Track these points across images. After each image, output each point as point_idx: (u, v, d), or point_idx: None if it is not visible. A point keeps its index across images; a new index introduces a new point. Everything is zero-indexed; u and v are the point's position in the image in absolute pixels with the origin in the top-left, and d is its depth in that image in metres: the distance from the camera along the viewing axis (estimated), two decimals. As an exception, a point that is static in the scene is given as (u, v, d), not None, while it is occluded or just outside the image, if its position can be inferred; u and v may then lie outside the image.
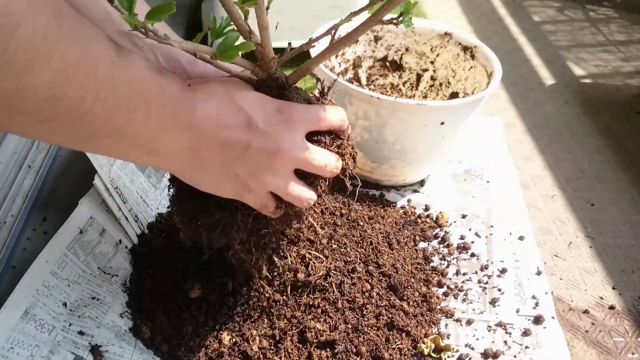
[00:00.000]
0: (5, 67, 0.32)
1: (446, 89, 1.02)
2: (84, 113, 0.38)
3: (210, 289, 0.68)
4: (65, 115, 0.38)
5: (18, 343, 0.55)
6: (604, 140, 1.40)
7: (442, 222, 0.89)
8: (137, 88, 0.41)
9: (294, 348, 0.64)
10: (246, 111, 0.48)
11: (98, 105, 0.39)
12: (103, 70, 0.38)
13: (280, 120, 0.49)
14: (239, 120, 0.48)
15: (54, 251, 0.65)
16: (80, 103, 0.37)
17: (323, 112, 0.53)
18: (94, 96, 0.38)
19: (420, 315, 0.71)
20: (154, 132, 0.44)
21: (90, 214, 0.71)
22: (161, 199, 0.85)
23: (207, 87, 0.48)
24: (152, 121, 0.43)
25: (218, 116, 0.47)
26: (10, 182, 0.75)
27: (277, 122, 0.49)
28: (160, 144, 0.46)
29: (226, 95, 0.49)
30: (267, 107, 0.50)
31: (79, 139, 0.42)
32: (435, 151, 0.89)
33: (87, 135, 0.41)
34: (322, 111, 0.53)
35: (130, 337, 0.66)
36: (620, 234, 1.03)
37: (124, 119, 0.41)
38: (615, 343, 0.79)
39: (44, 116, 0.37)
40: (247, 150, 0.49)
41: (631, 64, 2.02)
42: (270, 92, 0.52)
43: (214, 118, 0.47)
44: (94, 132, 0.41)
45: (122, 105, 0.40)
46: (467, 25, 2.32)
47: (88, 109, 0.38)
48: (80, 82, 0.37)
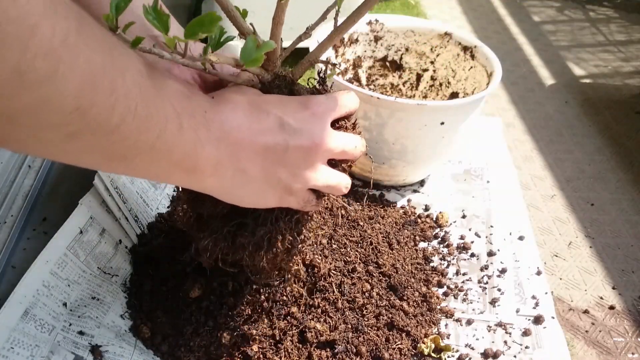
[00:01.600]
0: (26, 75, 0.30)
1: (446, 89, 1.02)
2: (115, 125, 0.36)
3: (210, 289, 0.68)
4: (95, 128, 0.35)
5: (18, 343, 0.55)
6: (604, 140, 1.40)
7: (442, 222, 0.89)
8: (165, 98, 0.40)
9: (294, 348, 0.64)
10: (275, 113, 0.48)
11: (129, 117, 0.36)
12: (131, 78, 0.37)
13: (308, 114, 0.49)
14: (271, 124, 0.47)
15: (54, 251, 0.65)
16: (110, 113, 0.35)
17: (341, 99, 0.53)
18: (123, 106, 0.36)
19: (420, 315, 0.71)
20: (189, 146, 0.42)
21: (90, 214, 0.71)
22: (161, 199, 0.85)
23: (229, 98, 0.47)
24: (186, 133, 0.42)
25: (250, 123, 0.46)
26: (10, 182, 0.75)
27: (306, 117, 0.49)
28: (198, 159, 0.44)
29: (248, 102, 0.48)
30: (292, 105, 0.49)
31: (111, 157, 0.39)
32: (435, 151, 0.89)
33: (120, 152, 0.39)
34: (341, 98, 0.53)
35: (130, 337, 0.66)
36: (620, 234, 1.03)
37: (155, 133, 0.39)
38: (615, 343, 0.79)
39: (72, 129, 0.34)
40: (286, 151, 0.48)
41: (631, 64, 2.02)
42: (280, 91, 0.52)
43: (246, 125, 0.46)
44: (126, 148, 0.38)
45: (153, 117, 0.39)
46: (467, 25, 2.32)
47: (119, 121, 0.36)
48: (108, 90, 0.35)
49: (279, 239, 0.55)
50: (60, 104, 0.32)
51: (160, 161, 0.42)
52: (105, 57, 0.34)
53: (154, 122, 0.39)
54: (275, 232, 0.55)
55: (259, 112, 0.47)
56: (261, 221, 0.54)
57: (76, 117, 0.34)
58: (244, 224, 0.55)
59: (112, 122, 0.36)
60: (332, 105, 0.52)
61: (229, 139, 0.45)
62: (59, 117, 0.33)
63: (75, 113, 0.33)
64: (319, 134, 0.49)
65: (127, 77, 0.36)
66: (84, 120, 0.34)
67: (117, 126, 0.36)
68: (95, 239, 0.71)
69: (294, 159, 0.49)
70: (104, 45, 0.35)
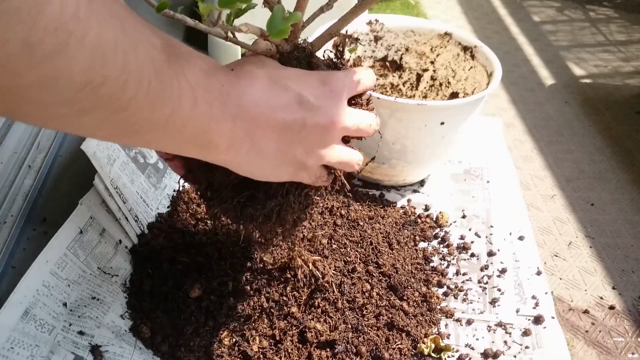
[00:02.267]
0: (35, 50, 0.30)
1: (446, 89, 1.02)
2: (127, 101, 0.35)
3: (210, 289, 0.68)
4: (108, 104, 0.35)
5: (18, 343, 0.55)
6: (604, 140, 1.40)
7: (442, 222, 0.89)
8: (180, 73, 0.39)
9: (294, 348, 0.64)
10: (293, 89, 0.47)
11: (141, 92, 0.36)
12: (143, 52, 0.36)
13: (327, 91, 0.49)
14: (290, 100, 0.46)
15: (54, 251, 0.65)
16: (123, 89, 0.35)
17: (359, 76, 0.52)
18: (136, 81, 0.35)
19: (420, 315, 0.71)
20: (204, 122, 0.42)
21: (90, 214, 0.71)
22: (161, 199, 0.85)
23: (248, 71, 0.46)
24: (200, 109, 0.41)
25: (268, 99, 0.45)
26: (10, 182, 0.75)
27: (325, 94, 0.48)
28: (212, 135, 0.43)
29: (267, 76, 0.46)
30: (311, 81, 0.48)
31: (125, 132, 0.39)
32: (435, 151, 0.89)
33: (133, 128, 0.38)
34: (358, 75, 0.52)
35: (130, 337, 0.66)
36: (620, 234, 1.03)
37: (170, 109, 0.39)
38: (615, 343, 0.79)
39: (84, 106, 0.34)
40: (303, 128, 0.47)
41: (631, 64, 2.02)
42: (299, 63, 0.51)
43: (263, 101, 0.45)
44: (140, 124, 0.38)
45: (167, 92, 0.38)
46: (467, 25, 2.32)
47: (131, 97, 0.35)
48: (120, 65, 0.34)
49: (289, 212, 0.55)
50: (70, 79, 0.32)
51: (174, 136, 0.41)
52: (117, 31, 0.34)
53: (167, 98, 0.38)
54: (285, 205, 0.55)
55: (278, 87, 0.46)
56: (272, 194, 0.54)
57: (87, 92, 0.33)
58: (254, 196, 0.54)
59: (124, 98, 0.35)
60: (350, 82, 0.51)
61: (246, 114, 0.44)
62: (70, 93, 0.33)
63: (86, 88, 0.33)
64: (337, 112, 0.49)
65: (140, 52, 0.35)
66: (96, 96, 0.34)
67: (129, 102, 0.36)
68: (96, 239, 0.71)
69: (310, 136, 0.48)
70: (116, 18, 0.34)
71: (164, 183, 0.87)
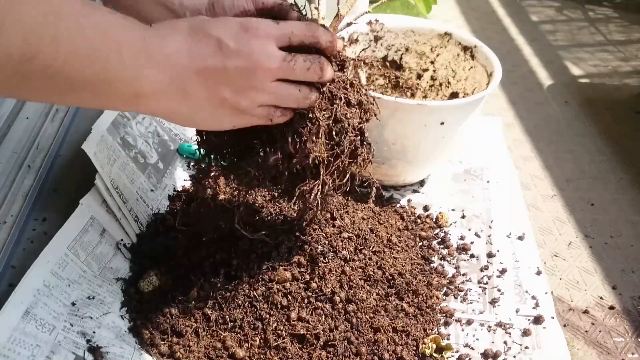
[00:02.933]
0: None
1: (446, 89, 1.02)
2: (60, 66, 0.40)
3: (211, 290, 0.68)
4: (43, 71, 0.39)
5: (19, 342, 0.55)
6: (604, 140, 1.40)
7: (442, 222, 0.89)
8: (106, 32, 0.43)
9: (294, 348, 0.64)
10: (214, 35, 0.49)
11: (72, 56, 0.40)
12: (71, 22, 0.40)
13: (249, 36, 0.51)
14: (209, 46, 0.49)
15: (55, 251, 0.65)
16: (55, 57, 0.39)
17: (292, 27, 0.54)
18: (66, 47, 0.39)
19: (420, 316, 0.72)
20: (132, 73, 0.45)
21: (90, 214, 0.71)
22: (161, 199, 0.85)
23: (170, 24, 0.50)
24: (127, 62, 0.44)
25: (189, 46, 0.48)
26: (10, 182, 0.75)
27: (247, 38, 0.50)
28: (141, 85, 0.46)
29: (189, 26, 0.50)
30: (232, 27, 0.51)
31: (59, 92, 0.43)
32: (435, 151, 0.89)
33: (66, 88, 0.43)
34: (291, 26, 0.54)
35: (130, 338, 0.66)
36: (620, 234, 1.03)
37: (99, 66, 0.43)
38: (615, 343, 0.79)
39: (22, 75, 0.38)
40: (224, 72, 0.50)
41: (630, 63, 2.02)
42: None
43: (185, 48, 0.48)
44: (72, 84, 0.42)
45: (95, 52, 0.42)
46: (467, 25, 2.32)
47: (63, 62, 0.40)
48: (51, 36, 0.38)
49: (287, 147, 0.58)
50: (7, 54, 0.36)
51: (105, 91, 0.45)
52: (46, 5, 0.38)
53: (96, 57, 0.42)
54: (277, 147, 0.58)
55: (200, 35, 0.49)
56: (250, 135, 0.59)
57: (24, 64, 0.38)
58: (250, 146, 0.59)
59: (57, 64, 0.39)
60: (276, 31, 0.52)
61: (170, 62, 0.47)
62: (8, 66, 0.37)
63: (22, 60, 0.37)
64: (260, 55, 0.50)
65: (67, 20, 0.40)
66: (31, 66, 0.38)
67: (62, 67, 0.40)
68: (96, 239, 0.71)
69: (234, 79, 0.50)
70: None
71: (164, 183, 0.87)
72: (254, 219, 0.75)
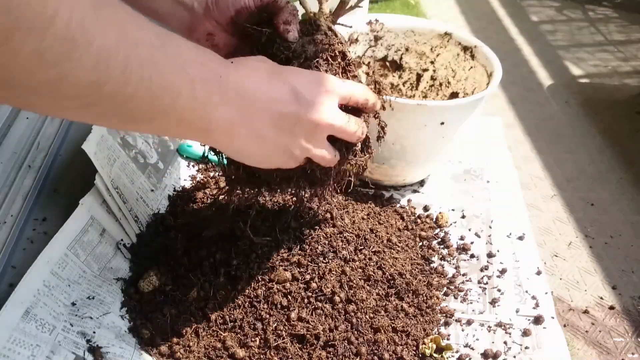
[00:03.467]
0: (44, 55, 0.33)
1: (446, 89, 1.02)
2: (129, 96, 0.39)
3: (211, 290, 0.68)
4: (111, 99, 0.39)
5: (19, 342, 0.55)
6: (604, 140, 1.40)
7: (442, 222, 0.89)
8: (178, 66, 0.43)
9: (294, 349, 0.64)
10: (291, 83, 0.51)
11: (142, 87, 0.40)
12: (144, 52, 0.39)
13: (321, 91, 0.53)
14: (287, 93, 0.50)
15: (55, 251, 0.65)
16: (125, 86, 0.38)
17: (353, 89, 0.57)
18: (137, 77, 0.39)
19: (420, 316, 0.71)
20: (201, 109, 0.45)
21: (90, 214, 0.71)
22: (161, 199, 0.85)
23: (248, 63, 0.50)
24: (199, 97, 0.45)
25: (267, 89, 0.49)
26: (10, 182, 0.75)
27: (320, 93, 0.52)
28: (210, 121, 0.47)
29: (267, 69, 0.51)
30: (306, 78, 0.53)
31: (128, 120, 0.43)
32: (435, 151, 0.89)
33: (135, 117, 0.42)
34: (353, 88, 0.57)
35: (130, 338, 0.66)
36: (620, 234, 1.03)
37: (169, 99, 0.42)
38: (615, 343, 0.79)
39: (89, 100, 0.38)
40: (297, 121, 0.51)
41: (630, 63, 2.02)
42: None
43: (262, 90, 0.49)
44: (141, 113, 0.42)
45: (167, 84, 0.42)
46: (467, 25, 2.32)
47: (133, 92, 0.39)
48: (122, 66, 0.38)
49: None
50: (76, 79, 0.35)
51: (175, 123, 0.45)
52: (119, 33, 0.37)
53: (167, 90, 0.42)
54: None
55: (277, 79, 0.50)
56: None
57: (93, 90, 0.37)
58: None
59: (126, 93, 0.39)
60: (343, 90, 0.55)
61: (245, 101, 0.48)
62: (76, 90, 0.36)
63: (91, 87, 0.37)
64: (327, 110, 0.53)
65: (141, 51, 0.39)
66: (100, 93, 0.37)
67: (132, 96, 0.39)
68: (96, 239, 0.71)
69: (302, 129, 0.52)
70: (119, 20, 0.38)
71: (164, 183, 0.87)
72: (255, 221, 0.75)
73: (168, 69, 0.42)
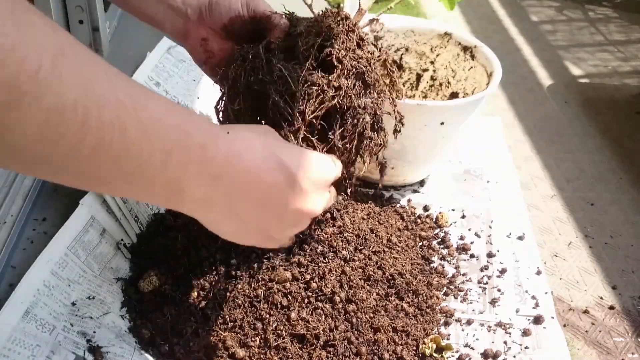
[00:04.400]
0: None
1: (446, 89, 1.02)
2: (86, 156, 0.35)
3: (211, 290, 0.69)
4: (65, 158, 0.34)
5: (19, 342, 0.55)
6: (604, 140, 1.40)
7: (442, 222, 0.89)
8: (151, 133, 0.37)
9: (294, 348, 0.64)
10: (289, 168, 0.46)
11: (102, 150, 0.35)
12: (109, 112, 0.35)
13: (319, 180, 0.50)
14: (282, 178, 0.46)
15: (55, 251, 0.65)
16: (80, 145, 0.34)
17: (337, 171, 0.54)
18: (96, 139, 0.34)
19: (420, 316, 0.72)
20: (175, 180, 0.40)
21: (91, 214, 0.71)
22: (161, 199, 0.85)
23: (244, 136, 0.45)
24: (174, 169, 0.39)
25: (260, 170, 0.45)
26: (10, 182, 0.75)
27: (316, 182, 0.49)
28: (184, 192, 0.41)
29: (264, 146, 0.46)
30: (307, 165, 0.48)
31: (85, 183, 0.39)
32: (435, 151, 0.89)
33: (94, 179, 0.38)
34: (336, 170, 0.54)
35: (131, 338, 0.66)
36: (620, 234, 1.03)
37: (135, 164, 0.37)
38: (615, 343, 0.79)
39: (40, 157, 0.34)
40: (285, 208, 0.47)
41: (630, 63, 2.02)
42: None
43: (254, 171, 0.44)
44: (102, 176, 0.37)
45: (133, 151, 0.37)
46: (467, 25, 2.33)
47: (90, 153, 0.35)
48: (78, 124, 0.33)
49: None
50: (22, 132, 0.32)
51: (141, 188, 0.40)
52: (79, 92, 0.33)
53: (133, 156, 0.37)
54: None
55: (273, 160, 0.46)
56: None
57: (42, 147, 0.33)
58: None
59: (82, 153, 0.34)
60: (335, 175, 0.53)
61: (232, 179, 0.43)
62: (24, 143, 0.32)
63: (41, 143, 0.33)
64: (318, 202, 0.50)
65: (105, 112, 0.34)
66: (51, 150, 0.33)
67: (88, 157, 0.35)
68: (96, 239, 0.71)
69: (288, 216, 0.49)
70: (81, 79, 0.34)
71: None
72: None
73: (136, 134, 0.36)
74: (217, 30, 0.62)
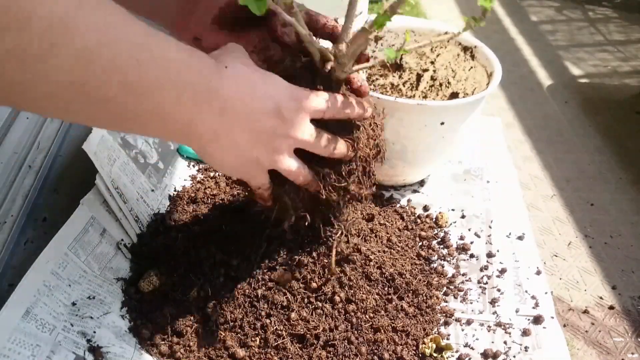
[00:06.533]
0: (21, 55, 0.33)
1: (446, 89, 1.02)
2: (111, 97, 0.39)
3: (211, 290, 0.69)
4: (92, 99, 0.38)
5: (19, 342, 0.55)
6: (604, 140, 1.40)
7: (442, 222, 0.89)
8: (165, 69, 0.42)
9: (294, 348, 0.64)
10: (274, 97, 0.51)
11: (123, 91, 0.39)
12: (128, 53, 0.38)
13: (297, 107, 0.53)
14: (270, 108, 0.51)
15: (55, 251, 0.65)
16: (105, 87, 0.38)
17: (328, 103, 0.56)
18: (119, 79, 0.38)
19: (420, 315, 0.72)
20: (189, 113, 0.45)
21: (91, 214, 0.71)
22: (161, 199, 0.85)
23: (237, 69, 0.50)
24: (185, 102, 0.44)
25: (252, 100, 0.50)
26: (10, 182, 0.75)
27: (295, 109, 0.53)
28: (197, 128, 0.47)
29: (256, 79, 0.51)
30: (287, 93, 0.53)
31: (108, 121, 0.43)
32: (435, 151, 0.89)
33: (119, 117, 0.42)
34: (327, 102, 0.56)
35: (131, 338, 0.66)
36: (620, 234, 1.03)
37: (154, 102, 0.42)
38: (615, 343, 0.79)
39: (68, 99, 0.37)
40: (272, 135, 0.52)
41: (629, 63, 2.02)
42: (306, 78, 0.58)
43: (247, 101, 0.49)
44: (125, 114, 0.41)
45: (151, 88, 0.41)
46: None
47: (115, 93, 0.39)
48: (102, 66, 0.37)
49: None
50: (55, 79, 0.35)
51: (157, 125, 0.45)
52: (101, 34, 0.37)
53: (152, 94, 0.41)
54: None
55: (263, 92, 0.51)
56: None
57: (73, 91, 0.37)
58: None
59: (107, 95, 0.38)
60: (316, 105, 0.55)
61: (231, 112, 0.48)
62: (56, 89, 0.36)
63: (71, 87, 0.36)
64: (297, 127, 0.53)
65: (124, 53, 0.38)
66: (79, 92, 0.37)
67: (113, 98, 0.39)
68: (96, 239, 0.71)
69: (274, 142, 0.53)
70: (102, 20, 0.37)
71: (164, 183, 0.87)
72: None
73: (153, 72, 0.41)
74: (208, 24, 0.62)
